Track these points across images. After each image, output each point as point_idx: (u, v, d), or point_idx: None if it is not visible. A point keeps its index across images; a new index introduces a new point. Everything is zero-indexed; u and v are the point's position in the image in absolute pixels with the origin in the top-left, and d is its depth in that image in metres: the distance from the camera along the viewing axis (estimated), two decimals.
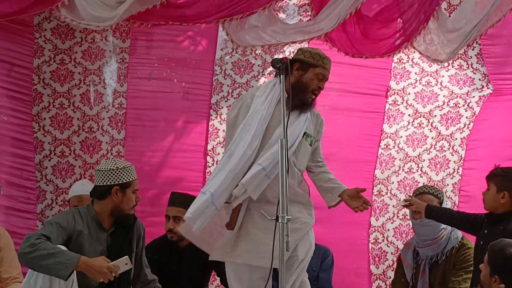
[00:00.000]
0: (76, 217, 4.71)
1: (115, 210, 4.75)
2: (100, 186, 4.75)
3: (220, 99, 6.58)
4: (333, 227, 6.39)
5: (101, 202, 4.77)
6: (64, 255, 4.34)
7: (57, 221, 4.62)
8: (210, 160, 6.56)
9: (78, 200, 5.64)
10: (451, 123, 6.73)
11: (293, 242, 4.41)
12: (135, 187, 4.80)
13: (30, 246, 4.34)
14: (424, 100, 6.76)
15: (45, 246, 4.34)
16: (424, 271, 5.36)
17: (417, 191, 5.57)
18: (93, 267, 4.35)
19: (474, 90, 6.72)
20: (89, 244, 4.65)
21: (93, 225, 4.74)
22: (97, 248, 4.67)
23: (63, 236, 4.56)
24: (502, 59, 6.63)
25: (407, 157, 6.74)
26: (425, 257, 5.39)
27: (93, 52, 6.36)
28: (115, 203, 4.73)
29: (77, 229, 4.64)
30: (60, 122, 6.31)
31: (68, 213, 4.77)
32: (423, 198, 5.40)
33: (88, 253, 4.54)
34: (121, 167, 4.74)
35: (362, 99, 6.72)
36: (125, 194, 4.75)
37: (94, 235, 4.70)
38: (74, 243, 4.61)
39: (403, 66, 6.76)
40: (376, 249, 6.71)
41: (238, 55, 6.58)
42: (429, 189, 5.51)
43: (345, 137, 6.51)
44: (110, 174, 4.73)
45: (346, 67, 6.56)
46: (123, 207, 4.76)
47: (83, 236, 4.64)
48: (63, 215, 4.75)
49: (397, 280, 5.58)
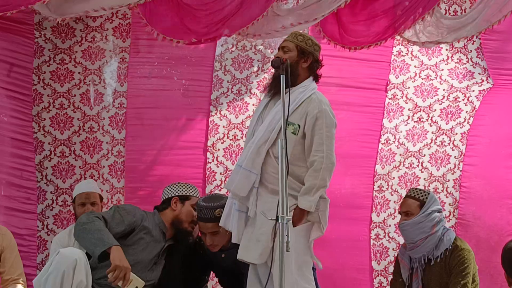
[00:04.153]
0: (145, 215, 4.96)
1: (175, 220, 5.03)
2: (163, 200, 5.10)
3: (220, 95, 6.58)
4: (334, 223, 6.37)
5: (163, 213, 5.05)
6: (108, 235, 4.59)
7: (126, 208, 4.91)
8: (210, 156, 6.56)
9: (85, 197, 5.65)
10: (451, 118, 6.73)
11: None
12: (194, 202, 5.06)
13: (87, 218, 4.68)
14: (424, 94, 6.75)
15: (98, 224, 4.63)
16: (417, 272, 5.38)
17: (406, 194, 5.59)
18: (120, 255, 4.52)
19: (474, 84, 6.71)
20: (147, 243, 4.87)
21: (157, 230, 4.97)
22: (151, 251, 4.90)
23: (126, 226, 4.80)
24: (502, 54, 6.62)
25: (408, 152, 6.73)
26: (415, 259, 5.40)
27: (93, 51, 6.36)
28: (175, 213, 5.02)
29: (143, 225, 4.87)
30: (60, 122, 6.32)
31: (138, 209, 5.03)
32: (404, 202, 5.43)
33: (141, 250, 4.77)
34: (183, 183, 5.13)
35: (362, 93, 6.70)
36: (184, 205, 5.05)
37: (155, 239, 4.93)
38: (136, 234, 4.84)
39: (403, 59, 6.74)
40: (377, 245, 6.70)
41: (238, 51, 6.58)
42: (411, 192, 5.47)
43: (345, 132, 6.46)
44: (172, 188, 5.11)
45: (345, 61, 6.53)
46: (182, 217, 5.04)
47: (147, 233, 4.86)
48: (134, 207, 5.02)
49: (395, 280, 5.59)
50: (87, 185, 5.83)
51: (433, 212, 5.33)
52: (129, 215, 4.84)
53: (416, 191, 5.45)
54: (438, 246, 5.32)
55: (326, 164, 4.62)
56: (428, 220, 5.30)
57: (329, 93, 6.36)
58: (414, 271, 5.40)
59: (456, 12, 6.57)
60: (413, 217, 5.33)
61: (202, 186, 6.51)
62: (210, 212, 5.01)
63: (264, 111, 4.84)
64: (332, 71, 5.24)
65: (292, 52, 4.78)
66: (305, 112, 4.69)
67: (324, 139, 4.65)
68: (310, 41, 4.83)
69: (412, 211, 5.36)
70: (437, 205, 5.39)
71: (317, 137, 4.67)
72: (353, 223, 6.63)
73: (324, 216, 4.70)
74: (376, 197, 6.70)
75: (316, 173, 4.61)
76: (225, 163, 6.57)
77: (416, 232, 5.31)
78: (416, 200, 5.38)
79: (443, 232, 5.35)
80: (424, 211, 5.32)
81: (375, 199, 6.70)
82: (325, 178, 4.62)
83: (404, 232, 5.39)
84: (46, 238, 6.26)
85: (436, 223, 5.31)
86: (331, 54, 6.00)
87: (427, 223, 5.30)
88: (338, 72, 6.47)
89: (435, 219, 5.31)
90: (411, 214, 5.35)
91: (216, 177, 6.56)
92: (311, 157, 4.65)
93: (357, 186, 6.66)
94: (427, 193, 5.41)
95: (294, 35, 4.86)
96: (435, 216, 5.32)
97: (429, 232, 5.29)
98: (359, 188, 6.67)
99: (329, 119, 4.71)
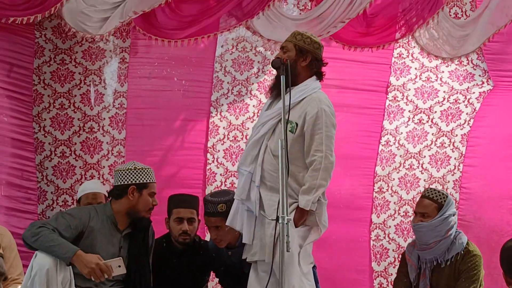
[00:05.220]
0: (91, 214, 4.75)
1: (131, 210, 4.81)
2: (117, 186, 4.82)
3: (220, 96, 6.59)
4: (334, 224, 6.37)
5: (117, 202, 4.82)
6: (61, 249, 4.40)
7: (70, 213, 4.69)
8: (210, 157, 6.57)
9: (92, 197, 5.65)
10: (451, 119, 6.73)
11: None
12: (152, 190, 4.86)
13: (32, 235, 4.44)
14: (424, 96, 6.75)
15: (45, 237, 4.42)
16: (425, 274, 5.32)
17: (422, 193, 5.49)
18: (82, 260, 4.39)
19: (474, 86, 6.72)
20: (101, 243, 4.68)
21: (108, 224, 4.78)
22: (109, 249, 4.70)
23: (73, 230, 4.60)
24: (502, 56, 6.62)
25: (408, 153, 6.74)
26: (424, 259, 5.33)
27: (94, 52, 6.37)
28: (131, 203, 4.79)
29: (90, 226, 4.67)
30: (61, 123, 6.32)
31: (84, 209, 4.84)
32: (421, 202, 5.33)
33: (99, 252, 4.57)
34: (139, 168, 4.82)
35: (362, 95, 6.71)
36: (141, 194, 4.81)
37: (108, 235, 4.74)
38: (86, 239, 4.64)
39: (403, 61, 6.75)
40: (377, 246, 6.70)
41: (238, 52, 6.59)
42: (429, 192, 5.31)
43: (345, 134, 6.45)
44: (128, 174, 4.80)
45: (345, 63, 6.56)
46: (139, 208, 4.82)
47: (96, 234, 4.67)
48: (79, 209, 4.85)
49: (399, 279, 5.49)
50: (94, 185, 5.84)
51: (450, 216, 5.19)
52: (74, 219, 4.64)
53: (434, 192, 5.28)
54: (449, 249, 5.18)
55: (326, 164, 4.60)
56: (444, 224, 5.16)
57: (329, 94, 6.33)
58: (422, 271, 5.31)
59: (456, 14, 6.58)
60: (430, 219, 5.18)
61: (202, 187, 6.52)
62: (213, 207, 5.06)
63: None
64: (332, 73, 5.22)
65: (290, 51, 4.78)
66: (304, 111, 4.67)
67: (323, 139, 4.63)
68: (308, 39, 4.81)
69: (429, 213, 5.20)
70: (453, 209, 5.25)
71: (317, 136, 4.64)
72: (353, 224, 6.64)
73: (321, 219, 4.69)
74: (376, 198, 6.71)
75: (315, 173, 4.59)
76: (225, 164, 6.58)
77: (431, 235, 5.18)
78: (434, 202, 5.23)
79: (455, 235, 5.24)
80: (442, 215, 5.18)
81: (375, 200, 6.70)
82: (324, 178, 4.61)
83: (419, 233, 5.26)
84: None
85: (451, 227, 5.18)
86: (332, 56, 5.98)
87: (443, 227, 5.16)
88: (338, 74, 6.47)
89: (450, 223, 5.18)
90: (428, 216, 5.20)
91: (216, 178, 6.57)
92: (310, 157, 4.64)
93: (357, 187, 6.66)
94: (445, 196, 5.26)
95: (293, 35, 4.86)
96: (451, 220, 5.18)
97: (443, 236, 5.17)
98: (359, 189, 6.67)
99: (329, 118, 4.69)
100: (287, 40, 4.86)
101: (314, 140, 4.64)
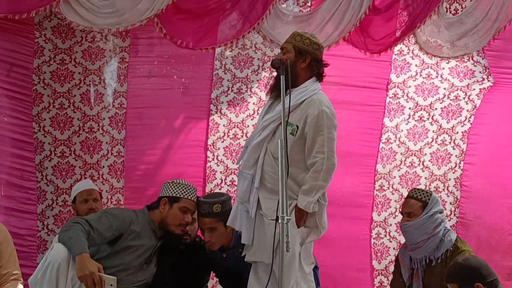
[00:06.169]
0: (133, 217, 4.82)
1: (162, 222, 4.90)
2: (159, 197, 4.96)
3: (220, 93, 6.58)
4: (335, 222, 6.38)
5: (152, 212, 4.93)
6: (75, 244, 4.43)
7: (114, 213, 4.75)
8: (210, 155, 6.57)
9: (87, 194, 5.68)
10: (452, 116, 6.72)
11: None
12: (184, 205, 4.91)
13: (65, 226, 4.53)
14: (425, 93, 6.74)
15: (71, 232, 4.46)
16: (418, 273, 5.36)
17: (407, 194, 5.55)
18: (82, 263, 4.37)
19: (474, 83, 6.71)
20: (136, 250, 4.77)
21: (148, 228, 4.86)
22: (142, 256, 4.81)
23: (115, 231, 4.68)
24: (503, 53, 6.60)
25: (408, 151, 6.73)
26: (416, 259, 5.38)
27: (93, 51, 6.37)
28: (162, 215, 4.89)
29: (132, 229, 4.76)
30: (60, 123, 6.33)
31: (126, 211, 4.90)
32: (407, 203, 5.39)
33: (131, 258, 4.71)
34: (178, 182, 4.94)
35: (362, 92, 6.70)
36: (171, 207, 4.89)
37: (147, 240, 4.82)
38: (123, 242, 4.72)
39: (404, 58, 6.74)
40: (378, 244, 6.71)
41: (238, 50, 6.58)
42: (413, 192, 5.42)
43: (345, 131, 6.43)
44: (166, 187, 4.95)
45: (346, 60, 6.54)
46: (168, 220, 4.90)
47: (135, 240, 4.75)
48: (124, 210, 4.92)
49: (395, 280, 5.57)
50: (86, 183, 5.88)
51: (436, 213, 5.30)
52: (117, 220, 4.71)
53: (418, 191, 5.41)
54: (439, 247, 5.29)
55: (327, 165, 4.61)
56: (430, 221, 5.26)
57: (329, 92, 6.35)
58: (414, 271, 5.38)
59: (456, 11, 6.55)
60: (416, 218, 5.29)
61: (202, 184, 6.52)
62: (209, 207, 5.02)
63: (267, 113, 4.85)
64: (332, 70, 5.21)
65: (290, 53, 4.77)
66: (305, 113, 4.67)
67: (325, 141, 4.63)
68: (307, 40, 4.80)
69: (414, 212, 5.31)
70: (439, 206, 5.36)
71: (318, 138, 4.64)
72: (353, 222, 6.64)
73: (321, 220, 4.70)
74: (377, 196, 6.70)
75: (316, 174, 4.60)
76: (225, 161, 6.58)
77: (418, 233, 5.28)
78: (418, 200, 5.33)
79: (444, 233, 5.32)
80: (427, 213, 5.28)
81: (376, 198, 6.70)
82: (325, 179, 4.61)
83: (406, 233, 5.36)
84: (46, 238, 6.27)
85: (438, 224, 5.28)
86: (332, 53, 6.00)
87: (430, 224, 5.26)
88: (339, 71, 6.45)
89: (437, 220, 5.28)
90: (414, 215, 5.31)
91: (216, 175, 6.57)
92: (312, 158, 4.63)
93: (358, 185, 6.66)
94: (429, 194, 5.37)
95: (292, 36, 4.85)
96: (437, 217, 5.29)
97: (431, 233, 5.26)
98: (360, 187, 6.67)
99: (330, 120, 4.68)
100: (287, 41, 4.85)
101: (315, 142, 4.64)
